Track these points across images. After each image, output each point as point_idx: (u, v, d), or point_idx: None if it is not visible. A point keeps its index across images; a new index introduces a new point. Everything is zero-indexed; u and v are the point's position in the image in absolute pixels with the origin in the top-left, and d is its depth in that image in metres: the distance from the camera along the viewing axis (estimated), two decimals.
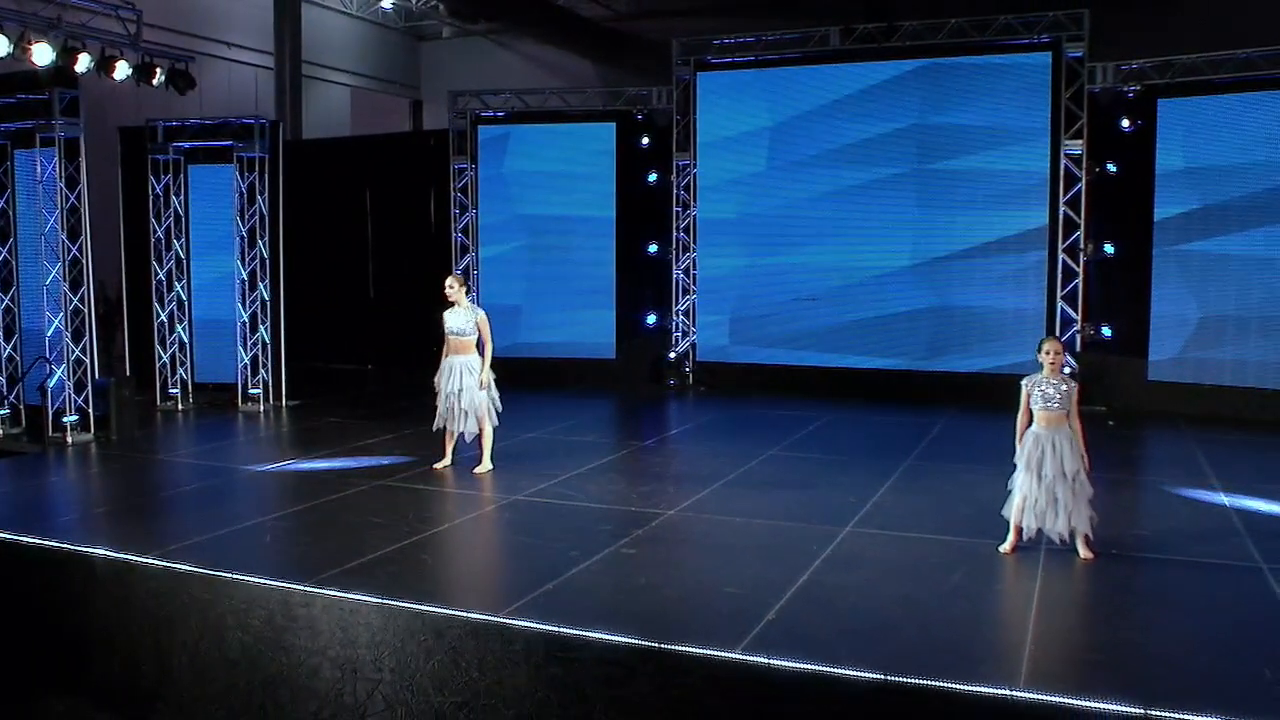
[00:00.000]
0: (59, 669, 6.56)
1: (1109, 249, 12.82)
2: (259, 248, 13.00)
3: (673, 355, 14.95)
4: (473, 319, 8.96)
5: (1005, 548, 6.70)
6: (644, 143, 15.01)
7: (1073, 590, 6.23)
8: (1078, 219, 12.80)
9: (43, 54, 10.42)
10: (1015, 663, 4.95)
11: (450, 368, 8.97)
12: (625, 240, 15.03)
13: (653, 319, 15.15)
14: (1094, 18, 12.62)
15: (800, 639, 5.15)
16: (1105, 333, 12.84)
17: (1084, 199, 12.76)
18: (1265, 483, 8.67)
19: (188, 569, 6.26)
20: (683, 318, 14.96)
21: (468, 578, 6.81)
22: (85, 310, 11.02)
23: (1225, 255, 12.04)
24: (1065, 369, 6.79)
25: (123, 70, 11.49)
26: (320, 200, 16.11)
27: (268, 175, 13.05)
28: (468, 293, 9.21)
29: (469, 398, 8.91)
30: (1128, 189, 12.62)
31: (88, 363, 11.01)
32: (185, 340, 13.23)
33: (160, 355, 13.12)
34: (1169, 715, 4.34)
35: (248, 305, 13.03)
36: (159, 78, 12.04)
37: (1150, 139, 12.43)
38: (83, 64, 10.89)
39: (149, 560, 6.42)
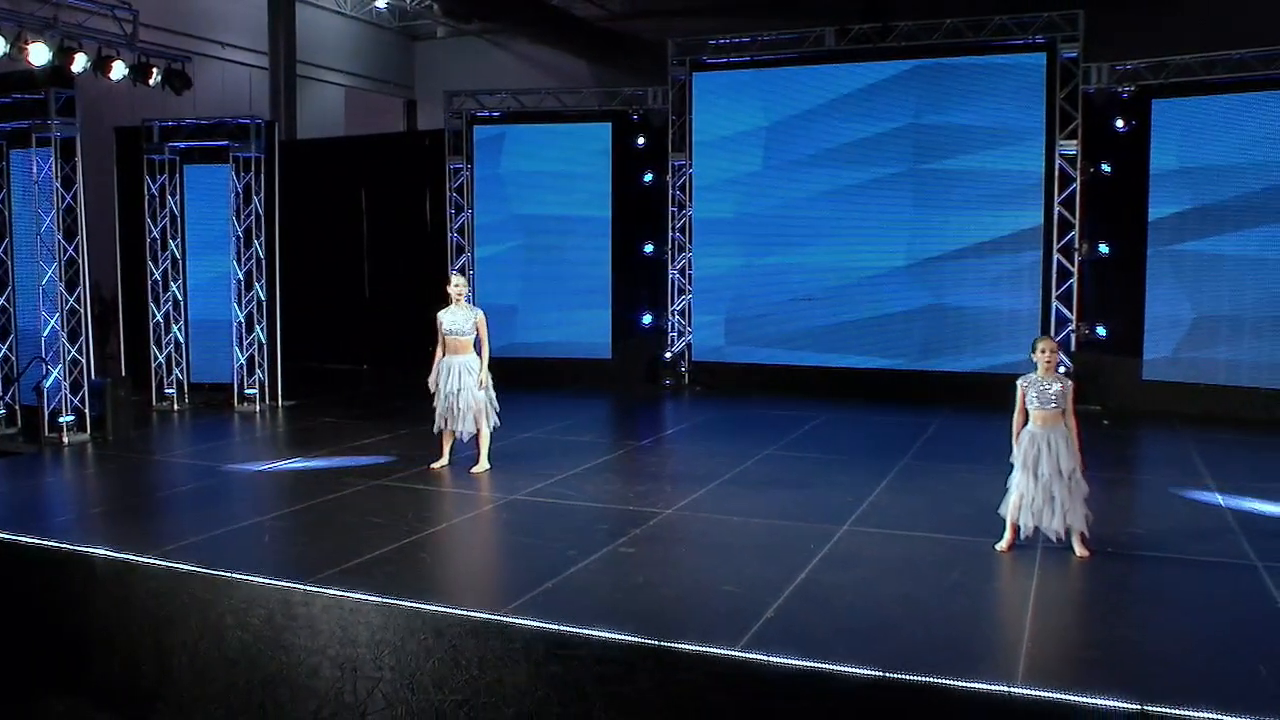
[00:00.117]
0: (59, 669, 6.55)
1: (1104, 249, 12.85)
2: (255, 248, 12.99)
3: (668, 355, 14.96)
4: (471, 319, 8.97)
5: (1002, 546, 6.73)
6: (640, 143, 15.00)
7: (1069, 588, 6.26)
8: (1072, 219, 12.84)
9: (39, 54, 10.41)
10: (1013, 660, 4.97)
11: (449, 367, 8.97)
12: (621, 240, 15.03)
13: (648, 319, 15.16)
14: (1089, 18, 12.65)
15: (798, 637, 5.17)
16: (1100, 332, 12.87)
17: (1079, 199, 12.80)
18: (1260, 481, 8.71)
19: (187, 568, 6.26)
20: (678, 318, 14.98)
21: (467, 577, 6.83)
22: (81, 310, 11.03)
23: (1219, 255, 12.09)
24: (1060, 368, 6.82)
25: (119, 70, 11.48)
26: (316, 200, 16.11)
27: (263, 175, 13.05)
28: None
29: (468, 397, 8.93)
30: (1122, 189, 12.66)
31: (84, 363, 11.01)
32: (181, 340, 13.22)
33: (156, 355, 13.11)
34: (1165, 711, 4.36)
35: (244, 305, 13.03)
36: (155, 78, 12.02)
37: (1144, 139, 12.47)
38: (79, 64, 10.88)
39: (148, 560, 6.42)
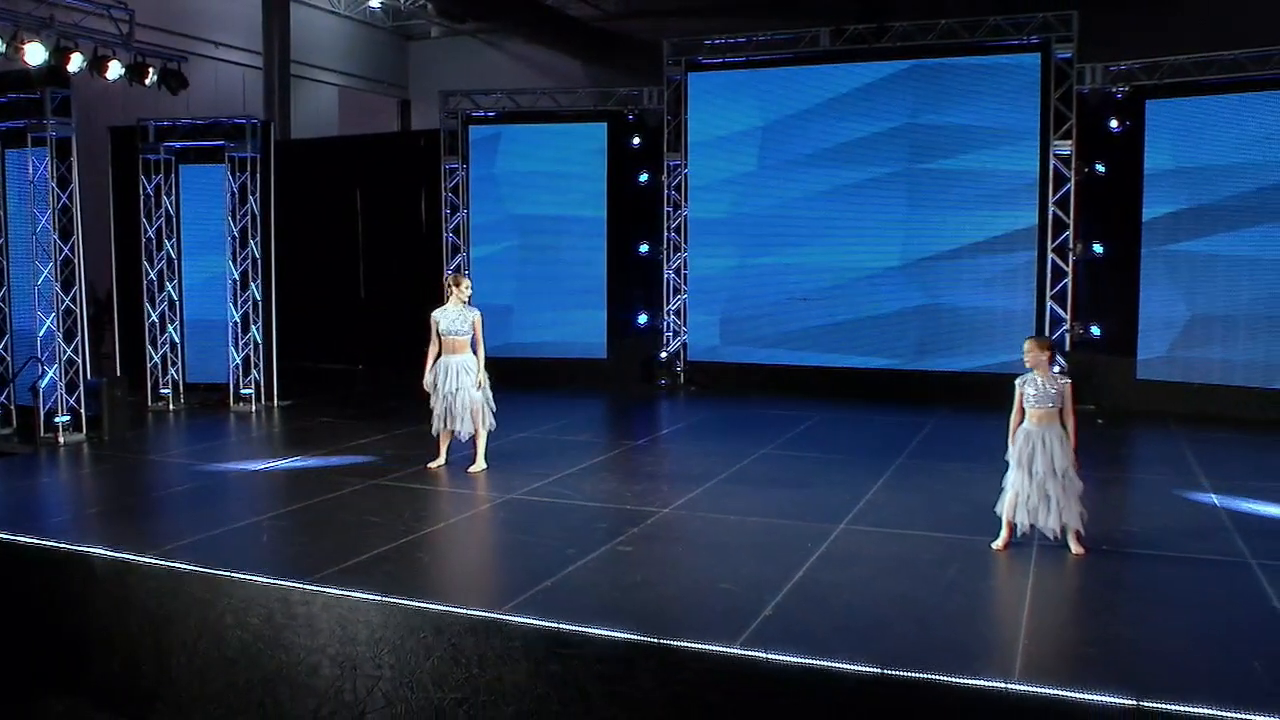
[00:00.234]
0: (58, 669, 6.56)
1: (1098, 249, 12.90)
2: (251, 248, 12.98)
3: (664, 355, 14.98)
4: (468, 319, 8.99)
5: (998, 544, 6.76)
6: (635, 143, 15.02)
7: (1065, 585, 6.29)
8: (1067, 219, 12.88)
9: (35, 53, 10.39)
10: (1009, 657, 5.01)
11: (446, 367, 8.98)
12: (616, 240, 15.03)
13: (644, 319, 15.18)
14: (1083, 19, 12.69)
15: (797, 635, 5.19)
16: (1094, 332, 12.92)
17: (1073, 199, 12.84)
18: (1254, 480, 8.76)
19: (186, 568, 6.27)
20: (674, 317, 14.99)
21: (465, 576, 6.84)
22: (77, 310, 11.02)
23: (1213, 255, 12.13)
24: (1055, 367, 6.85)
25: (115, 70, 11.46)
26: (310, 201, 16.11)
27: (259, 175, 13.04)
28: None
29: (465, 398, 8.94)
30: (1116, 189, 12.71)
31: (80, 363, 11.00)
32: (176, 340, 13.21)
33: (151, 355, 13.10)
34: (1161, 707, 4.39)
35: (239, 305, 13.02)
36: (151, 77, 12.00)
37: (1139, 140, 12.52)
38: (75, 64, 10.86)
39: (148, 559, 6.42)
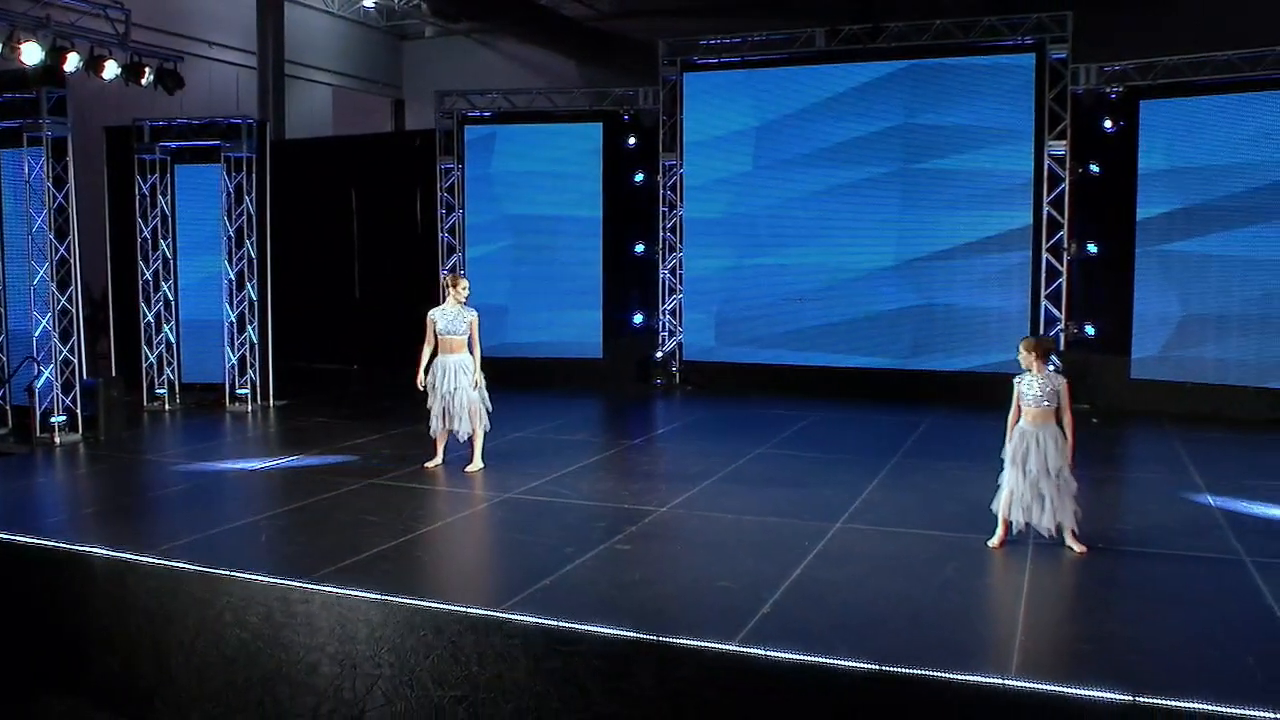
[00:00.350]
0: (57, 668, 6.56)
1: (1092, 249, 12.95)
2: (246, 248, 12.98)
3: (659, 355, 15.01)
4: (465, 319, 8.99)
5: (994, 542, 6.79)
6: (631, 143, 15.04)
7: (1061, 583, 6.33)
8: (1061, 219, 12.92)
9: (32, 53, 10.38)
10: (1006, 654, 5.04)
11: (444, 367, 8.99)
12: (612, 240, 15.06)
13: (639, 319, 15.20)
14: (1077, 20, 12.75)
15: (795, 632, 5.21)
16: (1089, 331, 12.97)
17: (1067, 199, 12.88)
18: (1247, 479, 8.80)
19: (185, 567, 6.27)
20: (669, 317, 15.02)
21: (464, 574, 6.86)
22: (73, 310, 11.01)
23: (1207, 255, 12.18)
24: (1051, 366, 6.88)
25: (111, 70, 11.44)
26: (306, 201, 16.08)
27: (254, 175, 13.04)
28: None
29: (463, 397, 8.96)
30: (1110, 189, 12.76)
31: (76, 363, 10.99)
32: (172, 340, 13.20)
33: (147, 355, 13.09)
34: (1156, 703, 4.43)
35: (235, 305, 13.01)
36: (148, 77, 11.98)
37: (1132, 140, 12.57)
38: (72, 63, 10.85)
39: (147, 559, 6.43)
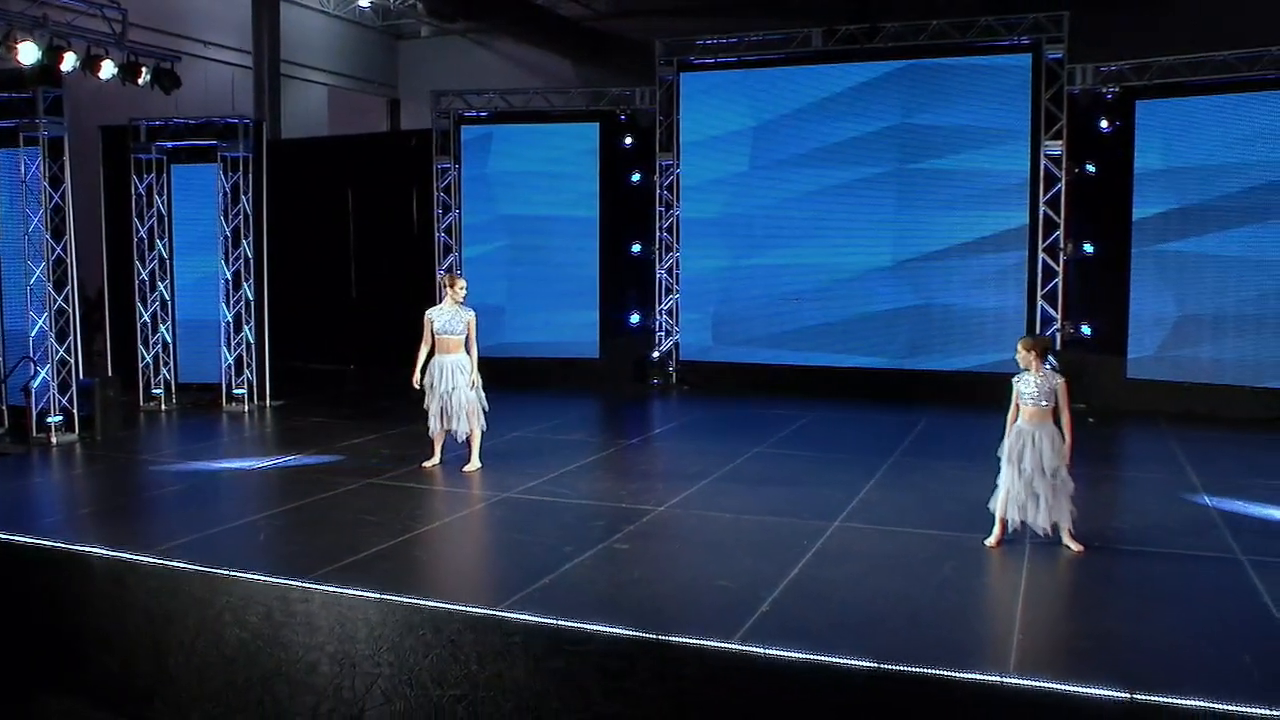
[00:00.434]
0: (56, 668, 6.56)
1: (1088, 248, 12.97)
2: (243, 248, 12.97)
3: (656, 355, 15.01)
4: (463, 319, 8.99)
5: (991, 541, 6.81)
6: (627, 143, 15.04)
7: (1058, 582, 6.36)
8: (1057, 219, 12.95)
9: (28, 53, 10.35)
10: (1004, 651, 5.06)
11: (441, 367, 9.00)
12: (609, 240, 15.06)
13: (636, 318, 15.20)
14: (1074, 20, 12.76)
15: (794, 631, 5.23)
16: (1085, 331, 12.99)
17: (1064, 199, 12.90)
18: (1243, 478, 8.84)
19: (184, 567, 6.28)
20: (666, 317, 15.03)
21: (463, 574, 6.87)
22: (70, 310, 10.99)
23: (1202, 255, 12.21)
24: (1048, 365, 6.90)
25: (108, 70, 11.41)
26: (302, 201, 16.06)
27: (251, 175, 13.02)
28: None
29: (461, 397, 8.97)
30: (1106, 189, 12.78)
31: (72, 363, 10.98)
32: (168, 340, 13.19)
33: (143, 355, 13.08)
34: (1154, 700, 4.45)
35: (232, 305, 13.00)
36: (145, 77, 11.96)
37: (1129, 140, 12.60)
38: (68, 63, 10.82)
39: (146, 558, 6.42)
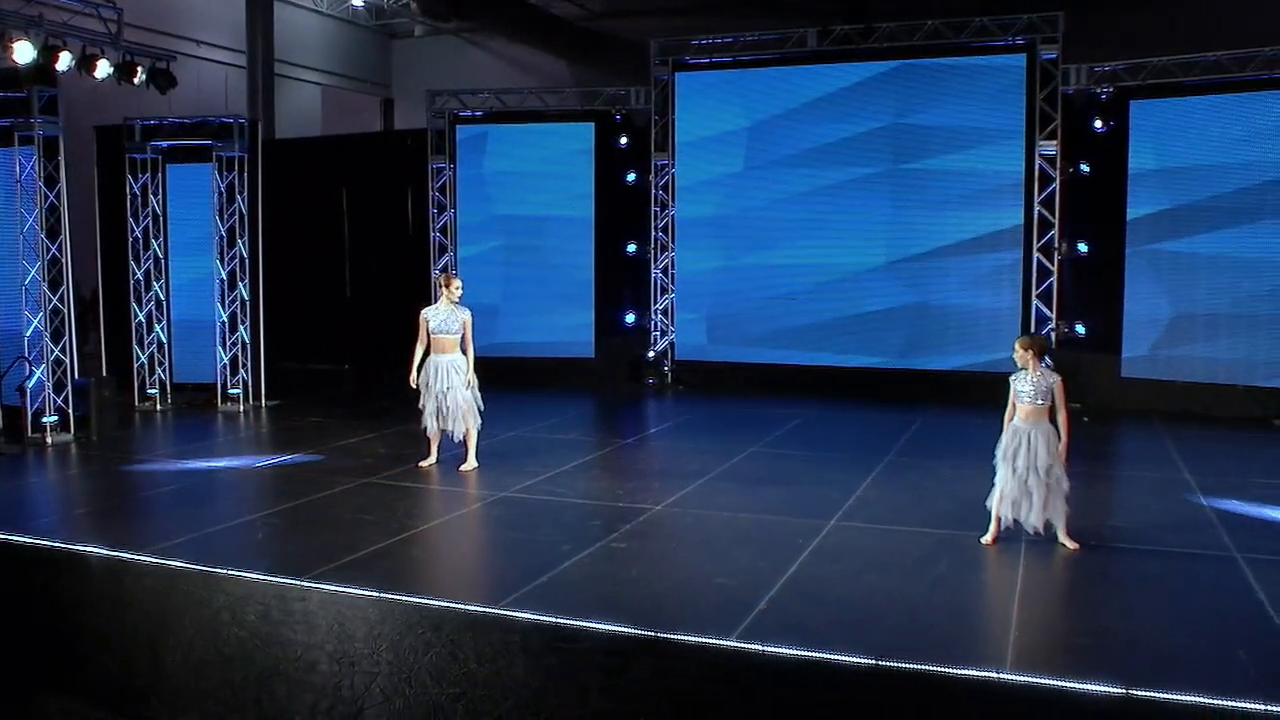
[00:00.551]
0: (54, 668, 6.55)
1: (1083, 248, 13.01)
2: (239, 247, 12.95)
3: (651, 354, 15.02)
4: (459, 318, 8.99)
5: (987, 539, 6.83)
6: (622, 143, 15.05)
7: (1054, 579, 6.38)
8: (1052, 218, 12.98)
9: (24, 52, 10.33)
10: (1001, 648, 5.08)
11: (436, 367, 9.00)
12: (604, 240, 15.07)
13: (631, 318, 15.22)
14: (1069, 20, 12.79)
15: (792, 628, 5.25)
16: (1079, 330, 13.02)
17: (1058, 199, 12.94)
18: (1237, 476, 8.88)
19: (182, 565, 6.27)
20: (661, 317, 15.04)
21: (461, 572, 6.87)
22: (65, 310, 10.98)
23: (1196, 254, 12.25)
24: (1045, 364, 6.92)
25: (104, 69, 11.39)
26: (296, 200, 16.06)
27: (246, 175, 13.01)
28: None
29: (456, 397, 8.97)
30: (1101, 189, 12.82)
31: (67, 363, 10.96)
32: (164, 340, 13.17)
33: (139, 355, 13.06)
34: (1150, 696, 4.48)
35: (227, 305, 12.98)
36: (140, 76, 11.93)
37: (1123, 140, 12.63)
38: (64, 62, 10.80)
39: (143, 557, 6.42)
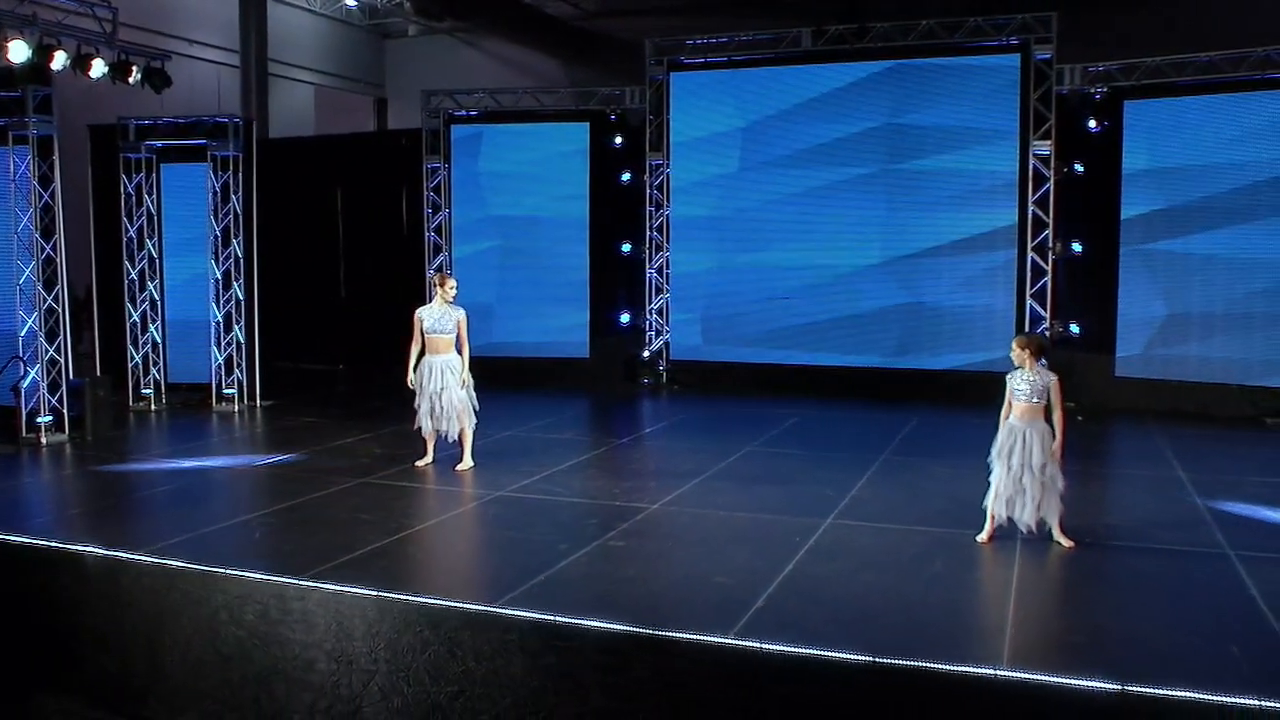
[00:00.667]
0: (52, 668, 6.54)
1: (1077, 248, 13.05)
2: (233, 247, 12.94)
3: (646, 354, 15.03)
4: (453, 318, 8.99)
5: (982, 537, 6.86)
6: (617, 142, 15.05)
7: (1049, 577, 6.41)
8: (1046, 218, 13.01)
9: (19, 51, 10.31)
10: (997, 645, 5.11)
11: (430, 367, 8.99)
12: (599, 240, 15.07)
13: (626, 318, 15.23)
14: (1063, 21, 12.83)
15: (789, 626, 5.27)
16: (1073, 330, 13.06)
17: (1052, 198, 12.97)
18: (1230, 474, 8.92)
19: (180, 565, 6.27)
20: (656, 317, 15.04)
21: (459, 571, 6.88)
22: (59, 309, 10.96)
23: (1189, 254, 12.29)
24: (1041, 363, 6.95)
25: (99, 68, 11.37)
26: (291, 200, 16.04)
27: (241, 174, 13.00)
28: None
29: (450, 397, 8.97)
30: (1095, 189, 12.86)
31: (62, 363, 10.94)
32: (158, 340, 13.15)
33: (133, 355, 13.04)
34: (1145, 691, 4.51)
35: (222, 305, 12.97)
36: (135, 76, 11.91)
37: (1116, 140, 12.66)
38: (59, 61, 10.78)
39: (141, 557, 6.42)
